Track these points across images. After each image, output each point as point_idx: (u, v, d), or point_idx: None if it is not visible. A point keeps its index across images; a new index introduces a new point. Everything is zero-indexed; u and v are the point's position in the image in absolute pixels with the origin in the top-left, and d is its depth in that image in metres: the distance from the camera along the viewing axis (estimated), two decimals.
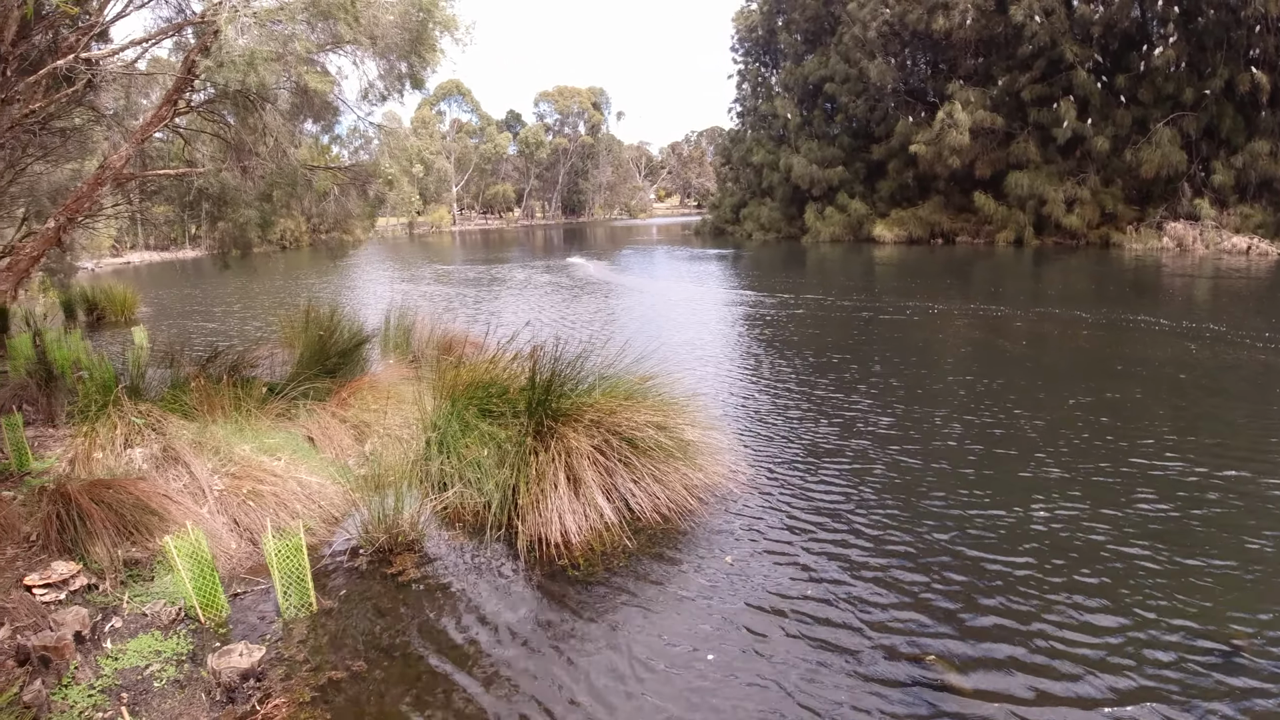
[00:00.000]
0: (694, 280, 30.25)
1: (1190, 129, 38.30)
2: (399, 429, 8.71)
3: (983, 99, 42.31)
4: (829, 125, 53.19)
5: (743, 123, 63.93)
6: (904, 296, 22.80)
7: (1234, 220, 37.00)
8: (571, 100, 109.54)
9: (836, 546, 6.70)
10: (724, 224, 60.68)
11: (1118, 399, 11.39)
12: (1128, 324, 17.66)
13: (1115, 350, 14.89)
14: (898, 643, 5.30)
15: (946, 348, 15.46)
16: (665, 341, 14.94)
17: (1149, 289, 25.57)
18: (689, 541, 6.83)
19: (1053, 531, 6.89)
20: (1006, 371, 13.31)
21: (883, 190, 48.85)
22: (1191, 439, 9.51)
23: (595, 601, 5.89)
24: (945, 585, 6.01)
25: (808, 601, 5.83)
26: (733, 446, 8.70)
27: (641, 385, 8.11)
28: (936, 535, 6.87)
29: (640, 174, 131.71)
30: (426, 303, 23.73)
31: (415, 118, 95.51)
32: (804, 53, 54.41)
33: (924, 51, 48.64)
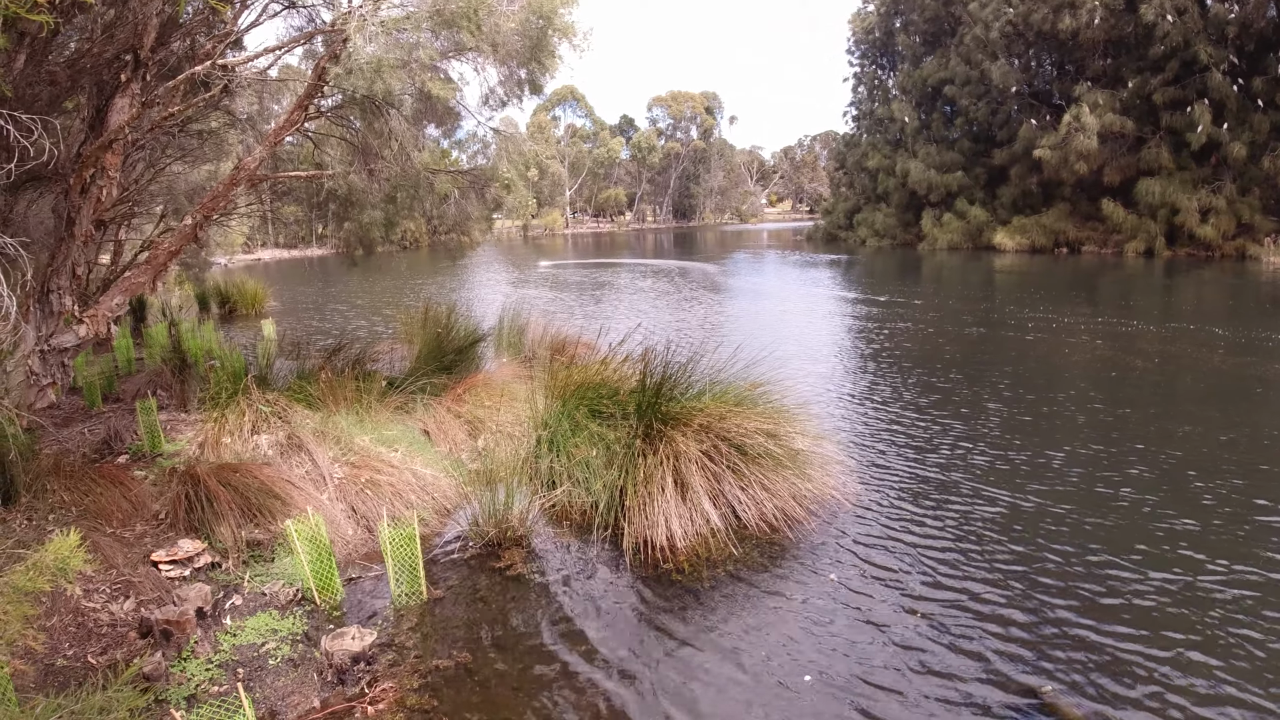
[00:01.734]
0: (805, 287, 29.91)
1: None
2: (510, 426, 8.88)
3: (1111, 102, 40.53)
4: (948, 129, 51.81)
5: (858, 126, 62.90)
6: (1027, 309, 22.04)
7: None
8: (684, 105, 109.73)
9: (944, 573, 6.49)
10: (836, 230, 59.78)
11: (1257, 428, 10.76)
12: (1269, 343, 16.67)
13: (1256, 372, 14.07)
14: (1004, 675, 5.11)
15: (1071, 366, 14.87)
16: (776, 349, 14.79)
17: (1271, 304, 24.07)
18: (795, 554, 6.75)
19: (1179, 576, 6.52)
20: (1136, 394, 12.72)
21: (1004, 197, 47.28)
22: None
23: (697, 608, 5.88)
24: (1059, 623, 5.73)
25: (911, 626, 5.68)
26: (842, 459, 8.55)
27: (751, 392, 8.06)
28: (1051, 571, 6.58)
29: (752, 179, 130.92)
30: (539, 302, 24.13)
31: (531, 123, 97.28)
32: (922, 55, 53.19)
33: (1049, 52, 46.88)
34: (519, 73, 11.13)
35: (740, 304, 24.55)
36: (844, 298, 26.22)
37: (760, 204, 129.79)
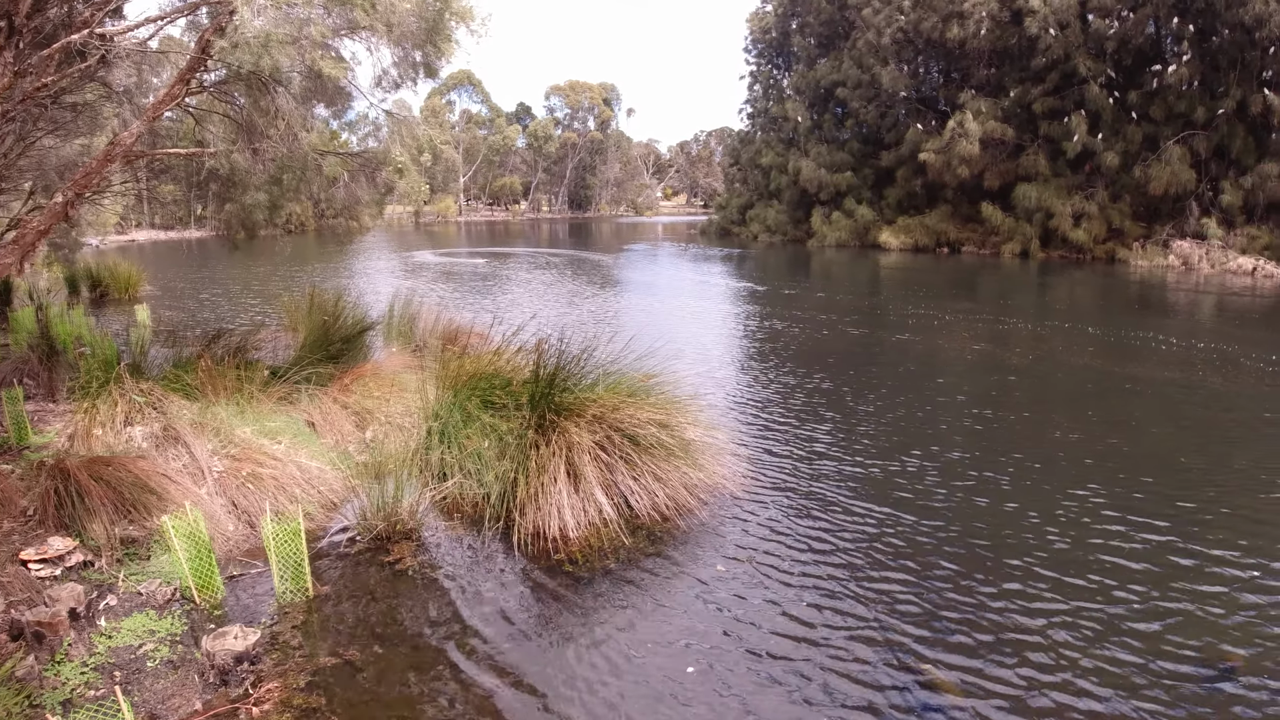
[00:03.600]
0: (699, 280, 30.22)
1: (1200, 148, 38.25)
2: (400, 417, 8.71)
3: (994, 110, 42.21)
4: (839, 130, 53.12)
5: (752, 124, 63.85)
6: (910, 305, 22.77)
7: (1240, 241, 36.97)
8: (582, 95, 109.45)
9: (830, 554, 6.68)
10: (730, 224, 60.59)
11: (1122, 418, 11.38)
12: (1135, 341, 17.64)
13: (1122, 368, 14.87)
14: (888, 656, 5.29)
15: (951, 359, 15.44)
16: (670, 341, 14.91)
17: (1155, 306, 25.53)
18: (686, 541, 6.82)
19: (1049, 546, 6.89)
20: (1011, 386, 13.29)
21: (890, 197, 48.76)
22: (1196, 463, 9.51)
23: (588, 599, 5.88)
24: (941, 599, 5.99)
25: (798, 610, 5.81)
26: (734, 448, 8.68)
27: (645, 383, 8.10)
28: (932, 548, 6.85)
29: (648, 172, 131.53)
30: (432, 291, 23.73)
31: (425, 106, 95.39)
32: (817, 56, 54.33)
33: (937, 60, 48.53)
34: (414, 55, 10.90)
35: (635, 297, 24.65)
36: (737, 292, 26.61)
37: (656, 197, 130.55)
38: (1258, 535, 7.28)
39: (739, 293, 26.34)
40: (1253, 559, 6.74)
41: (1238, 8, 35.29)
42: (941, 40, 43.09)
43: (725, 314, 21.25)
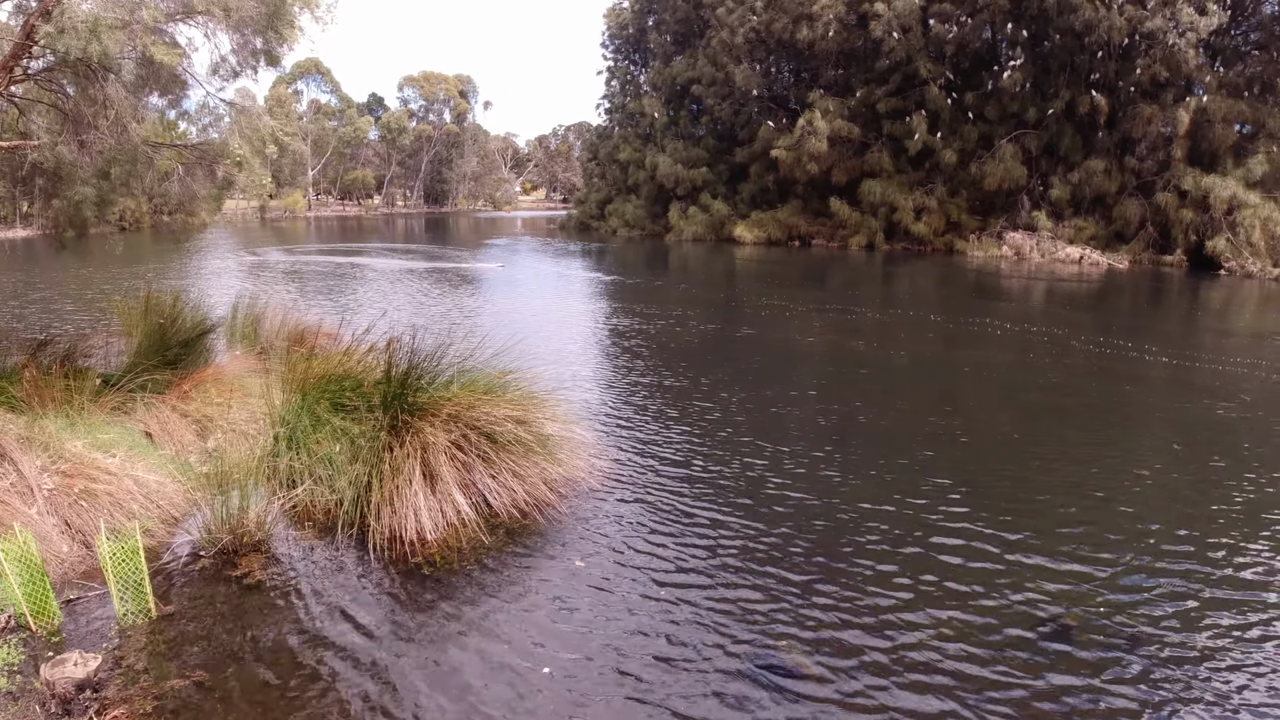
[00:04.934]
0: (557, 275, 30.20)
1: (1032, 146, 40.77)
2: (245, 424, 8.37)
3: (841, 109, 43.78)
4: (695, 126, 54.06)
5: (610, 119, 64.20)
6: (764, 297, 23.40)
7: (1068, 232, 39.61)
8: (437, 87, 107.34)
9: (688, 544, 6.82)
10: (589, 219, 60.75)
11: (962, 400, 12.04)
12: (973, 327, 18.65)
13: (962, 354, 15.71)
14: (746, 641, 5.44)
15: (803, 349, 15.96)
16: (528, 336, 14.86)
17: (991, 294, 27.06)
18: (546, 537, 6.83)
19: (896, 525, 7.24)
20: (859, 373, 13.85)
21: (744, 192, 49.96)
22: (1030, 439, 10.16)
23: (448, 602, 5.83)
24: (796, 581, 6.22)
25: (656, 601, 5.91)
26: (593, 442, 8.74)
27: (501, 379, 8.05)
28: (785, 533, 7.08)
29: (506, 166, 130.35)
30: (277, 292, 22.88)
31: (270, 96, 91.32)
32: (673, 53, 55.06)
33: (788, 60, 49.92)
34: (254, 41, 10.47)
35: (493, 292, 24.43)
36: (594, 285, 26.72)
37: (514, 191, 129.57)
38: (1087, 505, 7.88)
39: (598, 287, 26.46)
40: (1082, 527, 7.30)
41: (1068, 14, 37.69)
42: (792, 41, 44.37)
43: (584, 309, 21.33)
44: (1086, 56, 39.45)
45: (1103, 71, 39.68)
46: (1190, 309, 27.30)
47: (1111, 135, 40.25)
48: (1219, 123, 38.68)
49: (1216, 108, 38.69)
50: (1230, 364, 15.79)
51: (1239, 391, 13.22)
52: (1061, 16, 38.14)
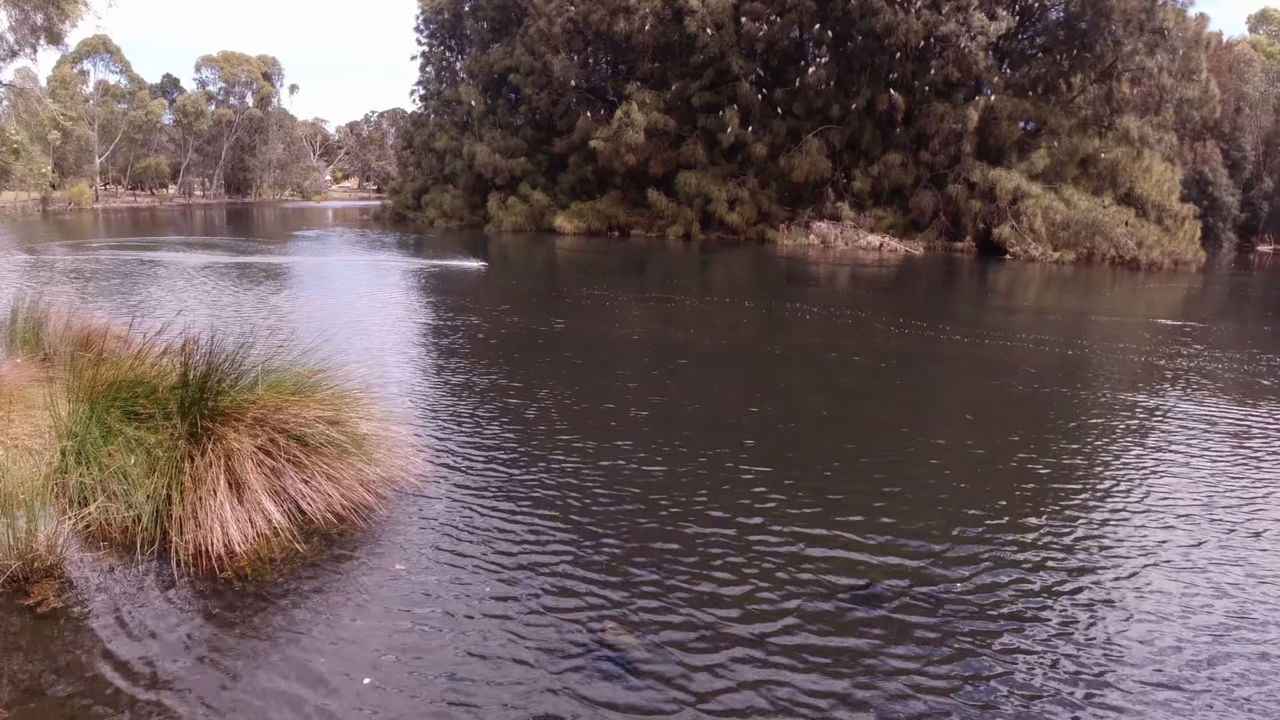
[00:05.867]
0: (370, 268, 29.26)
1: (836, 140, 42.85)
2: (28, 439, 7.66)
3: (658, 101, 44.53)
4: (513, 115, 53.58)
5: (426, 106, 62.73)
6: (585, 286, 23.51)
7: (869, 221, 41.95)
8: (239, 68, 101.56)
9: (512, 538, 6.74)
10: (405, 210, 59.06)
11: (774, 382, 12.49)
12: (784, 312, 19.39)
13: (774, 337, 16.30)
14: (570, 628, 5.43)
15: (623, 337, 16.13)
16: (340, 331, 14.33)
17: (800, 280, 28.22)
18: (364, 542, 6.60)
19: (716, 505, 7.41)
20: (679, 360, 14.13)
21: (564, 183, 50.00)
22: (835, 416, 10.68)
23: (261, 616, 5.53)
24: (621, 566, 6.25)
25: (480, 598, 5.81)
26: (411, 439, 8.50)
27: (310, 379, 7.70)
28: (609, 521, 7.11)
29: (315, 153, 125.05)
30: (61, 293, 21.11)
31: (54, 77, 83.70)
32: (490, 41, 54.32)
33: (606, 51, 50.27)
34: (35, 17, 9.63)
35: (303, 288, 23.45)
36: (411, 279, 26.07)
37: (324, 181, 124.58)
38: (890, 476, 8.41)
39: (414, 280, 25.82)
40: (886, 498, 7.77)
41: (870, 17, 39.73)
42: (610, 33, 44.70)
43: (399, 303, 20.74)
44: (886, 57, 41.80)
45: (901, 71, 42.12)
46: (980, 291, 29.42)
47: (908, 131, 42.79)
48: (1005, 120, 41.86)
49: (1003, 106, 41.85)
50: (1016, 340, 17.14)
51: (1024, 365, 14.39)
52: (864, 19, 40.20)
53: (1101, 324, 22.03)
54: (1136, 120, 43.82)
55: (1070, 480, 8.74)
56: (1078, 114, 44.00)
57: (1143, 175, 43.33)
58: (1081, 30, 42.45)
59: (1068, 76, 44.22)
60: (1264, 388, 13.61)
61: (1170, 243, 40.69)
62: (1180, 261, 40.06)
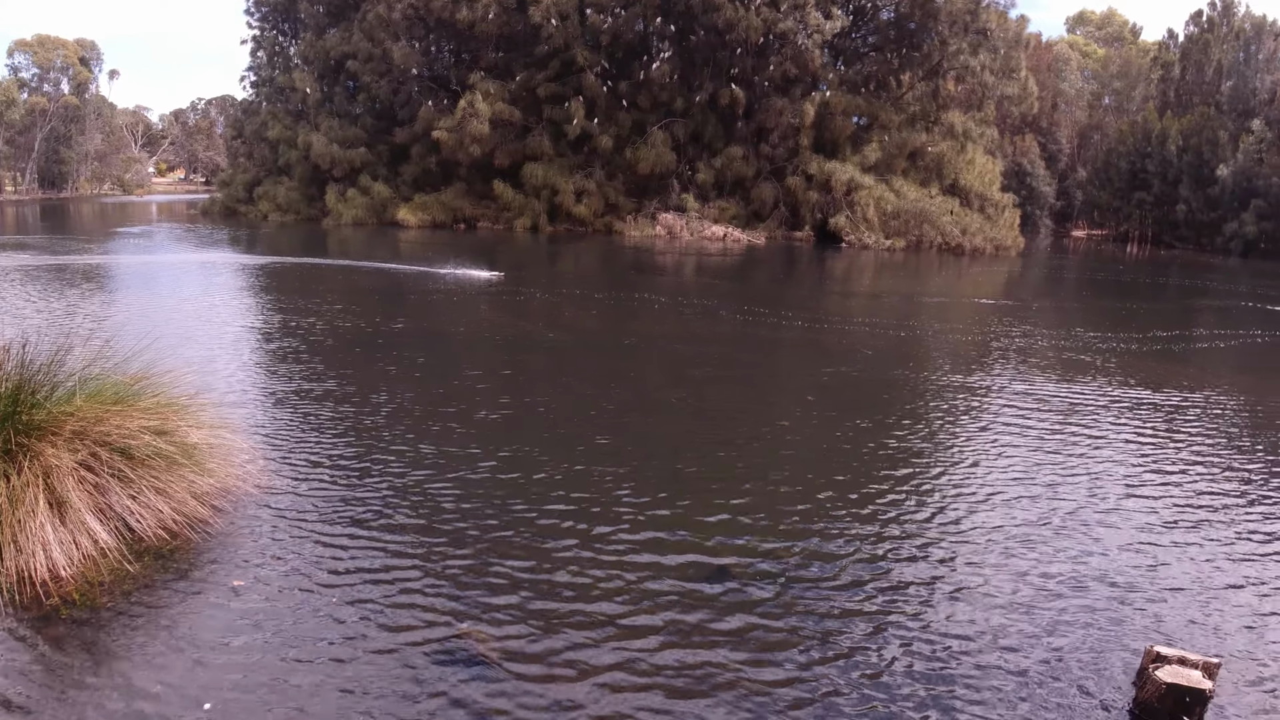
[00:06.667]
0: (199, 267, 27.77)
1: (680, 133, 43.56)
2: None
3: (502, 92, 44.07)
4: (351, 104, 51.76)
5: (258, 94, 59.81)
6: (430, 282, 23.03)
7: (713, 212, 42.93)
8: (54, 53, 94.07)
9: (356, 544, 6.59)
10: (236, 204, 55.72)
11: (625, 370, 12.66)
12: (633, 302, 19.61)
13: (623, 327, 16.46)
14: (427, 627, 5.38)
15: (471, 333, 15.95)
16: (165, 336, 13.55)
17: (648, 270, 28.60)
18: (200, 558, 6.30)
19: (570, 497, 7.45)
20: (527, 353, 14.11)
21: (406, 174, 48.72)
22: (685, 403, 10.95)
23: (88, 643, 5.19)
24: (473, 565, 6.22)
25: (325, 608, 5.64)
26: (247, 447, 8.14)
27: (134, 386, 7.29)
28: (462, 520, 7.05)
29: (137, 144, 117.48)
30: None
31: None
32: (326, 25, 52.17)
33: (448, 39, 49.27)
34: None
35: (124, 289, 22.08)
36: (243, 278, 24.94)
37: (148, 173, 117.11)
38: (738, 458, 8.71)
39: (246, 279, 24.67)
40: (735, 480, 8.05)
41: (711, 12, 40.54)
42: (453, 21, 43.87)
43: (230, 304, 19.74)
44: (727, 52, 42.80)
45: (742, 67, 43.21)
46: (818, 278, 30.59)
47: (749, 125, 43.97)
48: (839, 115, 43.66)
49: (838, 102, 43.63)
50: (853, 324, 17.95)
51: (861, 348, 15.10)
52: (705, 14, 40.99)
53: (931, 306, 23.32)
54: (961, 116, 46.49)
55: (911, 459, 9.24)
56: (907, 110, 46.29)
57: (966, 167, 46.17)
58: (910, 30, 44.71)
59: (897, 74, 46.47)
60: (1084, 363, 14.76)
61: (992, 230, 43.55)
62: (1001, 247, 42.96)
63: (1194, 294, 30.96)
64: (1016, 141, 63.11)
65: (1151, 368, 14.87)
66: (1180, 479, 9.02)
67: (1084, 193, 67.97)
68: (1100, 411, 11.59)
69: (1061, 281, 35.37)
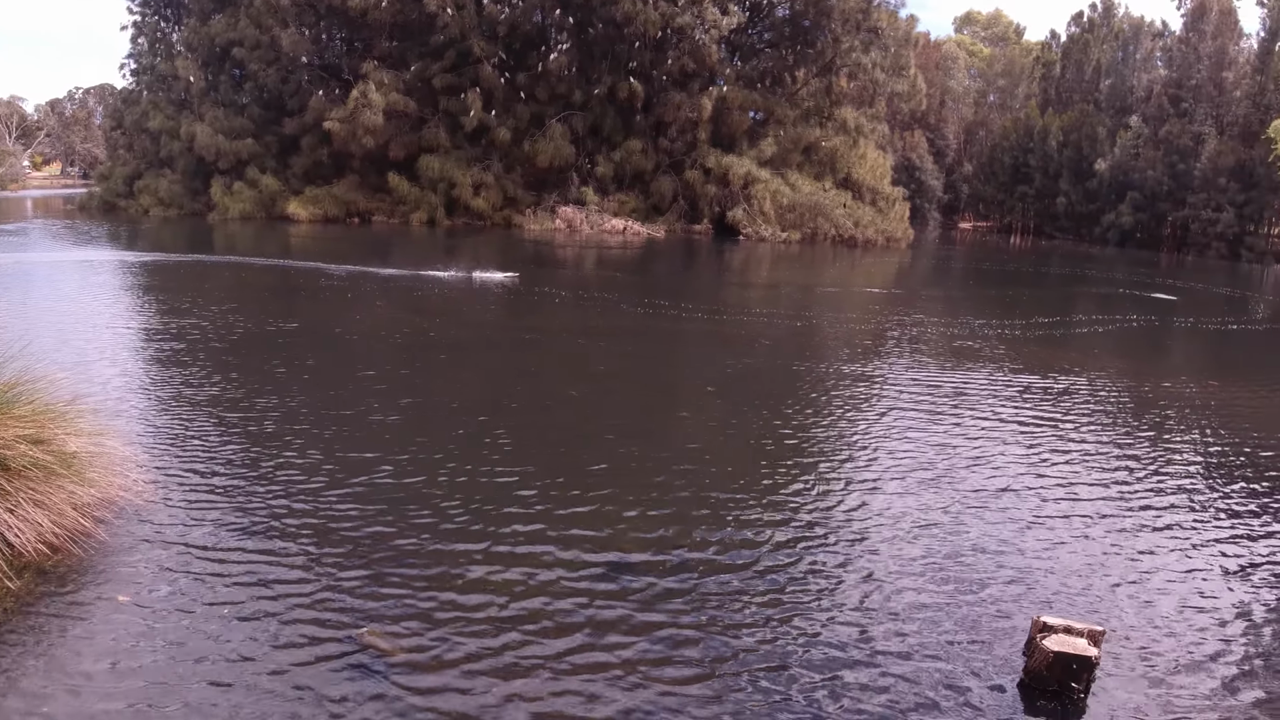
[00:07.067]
0: (75, 265, 26.39)
1: (579, 126, 43.47)
2: None
3: (396, 82, 43.14)
4: (238, 94, 49.78)
5: (138, 82, 56.98)
6: (321, 278, 22.42)
7: (613, 206, 43.02)
8: None
9: (248, 550, 6.40)
10: (115, 198, 52.60)
11: (525, 367, 12.60)
12: (534, 296, 19.49)
13: (524, 322, 16.35)
14: (328, 634, 5.27)
15: (365, 330, 15.57)
16: (39, 339, 12.86)
17: (548, 264, 28.51)
18: (83, 572, 6.01)
19: (469, 496, 7.38)
20: (425, 350, 13.90)
21: (296, 166, 47.15)
22: (585, 397, 10.95)
23: None
24: (370, 566, 6.12)
25: (217, 621, 5.46)
26: (131, 455, 7.78)
27: (8, 392, 6.91)
28: (359, 521, 6.92)
29: (10, 136, 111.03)
30: None
31: None
32: (211, 11, 49.95)
33: (340, 27, 47.94)
34: None
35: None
36: (123, 277, 23.83)
37: (23, 167, 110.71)
38: (638, 450, 8.75)
39: (126, 278, 23.56)
40: (634, 469, 8.06)
41: (610, 5, 40.53)
42: (344, 7, 42.71)
43: (110, 305, 18.81)
44: (626, 46, 42.91)
45: (640, 60, 43.34)
46: (717, 270, 30.99)
47: (648, 118, 44.18)
48: (736, 110, 44.30)
49: (734, 97, 44.26)
50: (751, 315, 18.25)
51: (760, 338, 15.36)
52: (604, 7, 40.97)
53: (826, 296, 23.88)
54: (853, 112, 47.71)
55: (810, 448, 9.45)
56: (801, 105, 47.27)
57: (859, 162, 47.48)
58: (805, 28, 45.70)
59: (792, 70, 47.39)
60: (972, 350, 15.34)
61: (883, 222, 44.96)
62: (892, 239, 44.39)
63: (1073, 282, 32.53)
64: (906, 137, 65.18)
65: (1035, 353, 15.55)
66: (1066, 459, 9.49)
67: (970, 186, 70.89)
68: (990, 397, 12.06)
69: (949, 271, 36.68)
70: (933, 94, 60.66)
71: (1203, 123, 52.27)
